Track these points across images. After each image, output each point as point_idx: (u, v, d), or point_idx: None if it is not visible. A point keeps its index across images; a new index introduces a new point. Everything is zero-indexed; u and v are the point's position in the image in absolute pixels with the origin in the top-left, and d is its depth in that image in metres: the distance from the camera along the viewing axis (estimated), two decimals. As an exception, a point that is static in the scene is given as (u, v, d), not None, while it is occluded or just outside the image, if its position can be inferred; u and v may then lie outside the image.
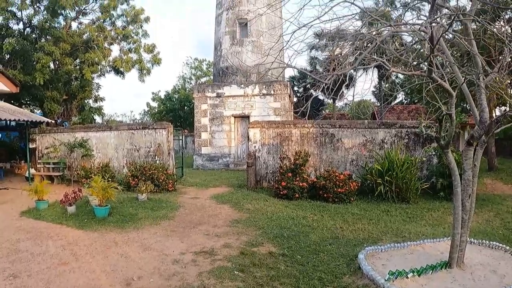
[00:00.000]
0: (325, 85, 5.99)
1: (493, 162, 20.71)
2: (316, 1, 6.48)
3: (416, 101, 33.52)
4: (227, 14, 28.04)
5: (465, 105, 20.00)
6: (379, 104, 41.53)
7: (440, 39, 6.31)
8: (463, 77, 6.68)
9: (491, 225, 10.90)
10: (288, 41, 6.24)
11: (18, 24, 25.25)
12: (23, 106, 26.41)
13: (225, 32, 28.01)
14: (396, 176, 13.71)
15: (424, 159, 15.25)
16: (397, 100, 43.92)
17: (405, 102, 41.61)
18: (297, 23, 6.80)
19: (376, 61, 6.18)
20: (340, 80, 6.13)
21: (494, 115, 19.31)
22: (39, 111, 27.38)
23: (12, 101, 22.00)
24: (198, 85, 30.88)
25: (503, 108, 19.75)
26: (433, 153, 15.20)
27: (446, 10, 6.67)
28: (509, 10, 11.49)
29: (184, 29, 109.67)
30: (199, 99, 26.99)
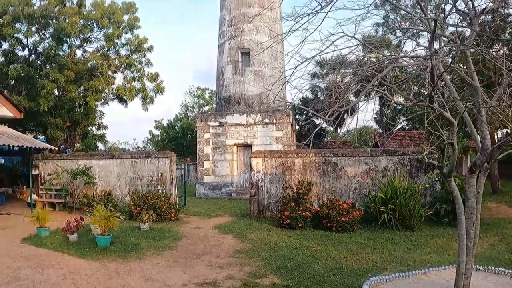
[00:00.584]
0: (327, 113, 6.03)
1: (496, 185, 20.60)
2: (317, 35, 6.61)
3: (418, 126, 33.63)
4: (229, 44, 28.42)
5: (466, 129, 20.04)
6: (381, 131, 41.58)
7: (439, 66, 6.38)
8: (463, 104, 6.72)
9: (497, 250, 10.78)
10: (291, 75, 6.33)
11: (23, 51, 25.64)
12: (27, 131, 26.56)
13: (227, 61, 28.34)
14: (400, 203, 13.63)
15: (427, 185, 15.18)
16: (399, 126, 44.01)
17: (407, 127, 41.69)
18: (299, 56, 6.92)
19: (377, 91, 6.23)
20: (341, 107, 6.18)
21: (496, 138, 19.31)
22: (43, 136, 27.52)
23: (16, 126, 22.14)
24: (201, 114, 31.06)
25: (505, 130, 19.74)
26: (436, 179, 15.13)
27: (446, 38, 6.76)
28: (505, 40, 11.60)
29: (187, 58, 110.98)
30: (201, 128, 27.10)
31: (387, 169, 15.88)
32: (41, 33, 25.01)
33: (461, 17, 6.70)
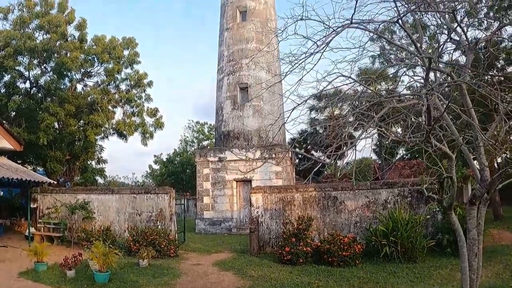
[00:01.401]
0: (326, 147, 6.08)
1: (498, 211, 20.49)
2: (314, 71, 6.73)
3: (417, 156, 33.70)
4: (228, 80, 28.74)
5: (465, 157, 20.05)
6: (380, 162, 41.55)
7: (436, 100, 6.46)
8: (461, 136, 6.77)
9: (501, 278, 10.63)
10: (288, 116, 6.42)
11: (24, 83, 25.99)
12: (26, 163, 26.51)
13: (226, 97, 28.59)
14: (401, 235, 13.52)
15: (428, 216, 15.08)
16: (398, 156, 43.96)
17: (406, 157, 41.66)
18: (296, 92, 7.05)
19: (375, 124, 6.29)
20: (340, 138, 6.23)
21: (495, 163, 19.31)
22: (42, 169, 27.48)
23: (15, 158, 22.15)
24: (200, 149, 31.15)
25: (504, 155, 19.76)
26: (437, 209, 15.04)
27: (441, 71, 6.86)
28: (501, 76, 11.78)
29: (186, 92, 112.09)
30: (201, 164, 27.10)
31: (387, 201, 15.82)
32: (42, 67, 25.44)
33: (456, 46, 6.82)
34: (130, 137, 27.46)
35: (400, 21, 7.41)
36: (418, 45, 6.75)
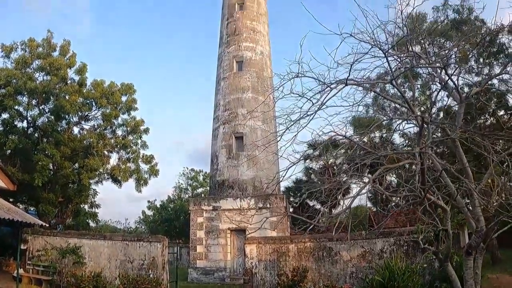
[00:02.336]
0: (321, 194, 6.13)
1: (496, 255, 20.26)
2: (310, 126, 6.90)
3: (412, 204, 33.54)
4: (223, 128, 28.93)
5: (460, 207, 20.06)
6: (375, 209, 41.28)
7: (431, 152, 6.58)
8: (455, 186, 6.84)
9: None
10: (284, 175, 6.54)
11: (22, 122, 26.27)
12: (18, 203, 26.23)
13: (221, 145, 28.69)
14: (398, 285, 13.31)
15: (425, 265, 14.92)
16: (393, 203, 43.64)
17: (402, 203, 41.34)
18: (292, 147, 7.20)
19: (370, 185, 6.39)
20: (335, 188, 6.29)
21: (491, 205, 19.25)
22: (33, 208, 27.18)
23: (7, 197, 21.94)
24: (194, 197, 30.99)
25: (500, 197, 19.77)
26: (434, 257, 14.88)
27: (435, 124, 7.02)
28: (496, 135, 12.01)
29: (182, 139, 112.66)
30: (195, 212, 26.87)
31: (383, 251, 15.68)
32: (41, 107, 25.77)
33: (448, 95, 7.03)
34: (124, 183, 27.43)
35: (393, 81, 7.66)
36: (411, 103, 6.93)
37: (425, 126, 7.01)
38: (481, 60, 15.66)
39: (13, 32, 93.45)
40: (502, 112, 16.89)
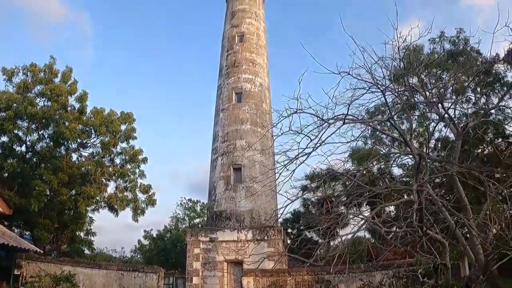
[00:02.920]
0: (319, 227, 6.12)
1: (497, 284, 19.95)
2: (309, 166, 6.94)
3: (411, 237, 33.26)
4: (222, 160, 28.91)
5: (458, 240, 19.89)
6: (374, 241, 40.89)
7: (429, 186, 6.59)
8: (453, 219, 6.83)
9: None
10: (282, 213, 6.55)
11: (21, 147, 26.25)
12: (14, 227, 25.96)
13: (219, 177, 28.62)
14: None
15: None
16: (392, 234, 43.16)
17: (401, 234, 40.98)
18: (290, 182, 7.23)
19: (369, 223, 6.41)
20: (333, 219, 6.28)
21: (491, 233, 19.06)
22: (28, 233, 26.88)
23: (3, 220, 21.76)
24: (191, 228, 30.76)
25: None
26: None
27: (432, 159, 7.06)
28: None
29: (180, 168, 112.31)
30: (191, 243, 26.61)
31: (382, 283, 15.50)
32: (40, 133, 25.89)
33: (446, 125, 7.09)
34: (121, 211, 27.27)
35: (391, 119, 7.74)
36: (408, 140, 6.99)
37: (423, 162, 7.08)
38: (478, 89, 15.90)
39: (15, 56, 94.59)
40: (500, 140, 17.02)
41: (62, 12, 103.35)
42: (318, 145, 7.61)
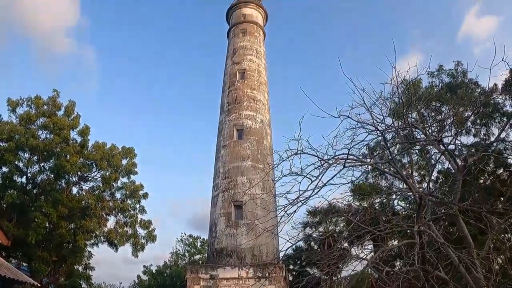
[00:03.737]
0: (321, 263, 6.08)
1: None
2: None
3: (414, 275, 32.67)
4: (222, 196, 28.76)
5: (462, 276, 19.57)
6: (377, 276, 40.17)
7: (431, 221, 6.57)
8: (456, 255, 6.78)
9: None
10: (284, 254, 6.54)
11: (21, 178, 26.36)
12: (11, 258, 25.64)
13: (220, 213, 28.40)
14: None
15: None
16: (396, 268, 42.46)
17: (404, 269, 40.26)
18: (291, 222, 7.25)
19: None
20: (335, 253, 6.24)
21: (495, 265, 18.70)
22: (26, 264, 26.52)
23: (0, 251, 21.55)
24: (192, 265, 30.35)
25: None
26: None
27: (434, 198, 7.07)
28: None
29: (180, 204, 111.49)
30: (192, 280, 26.17)
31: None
32: (41, 165, 26.02)
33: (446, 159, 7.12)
34: (120, 247, 27.05)
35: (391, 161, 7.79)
36: (410, 173, 7.02)
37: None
38: (478, 121, 16.01)
39: (20, 87, 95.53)
40: (501, 170, 16.99)
41: (68, 45, 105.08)
42: (318, 189, 7.66)
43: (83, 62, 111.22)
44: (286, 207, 7.86)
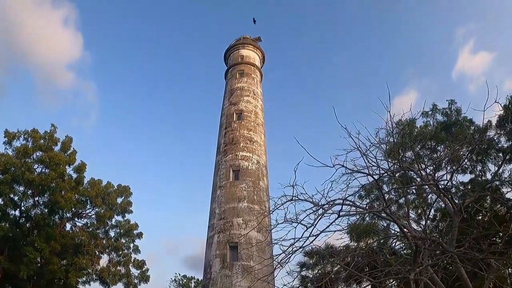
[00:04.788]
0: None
1: None
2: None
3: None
4: (218, 238, 28.42)
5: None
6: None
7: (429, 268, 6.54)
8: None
9: None
10: None
11: (15, 211, 26.04)
12: None
13: (215, 254, 28.01)
14: None
15: None
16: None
17: None
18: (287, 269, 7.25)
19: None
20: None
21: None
22: None
23: None
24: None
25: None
26: None
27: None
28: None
29: (175, 243, 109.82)
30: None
31: None
32: (35, 199, 25.80)
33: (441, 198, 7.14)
34: (113, 286, 26.53)
35: (387, 210, 7.84)
36: (406, 230, 7.03)
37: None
38: (473, 157, 16.10)
39: (18, 119, 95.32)
40: (498, 206, 16.96)
41: (69, 79, 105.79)
42: (314, 237, 7.69)
43: (82, 97, 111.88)
44: (280, 255, 7.86)
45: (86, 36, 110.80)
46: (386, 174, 8.89)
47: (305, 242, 7.90)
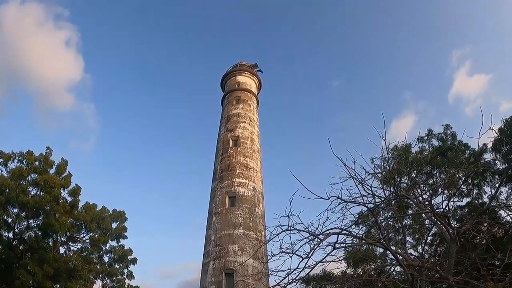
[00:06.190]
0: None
1: None
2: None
3: None
4: (213, 264, 28.13)
5: None
6: None
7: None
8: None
9: None
10: None
11: (8, 233, 25.62)
12: None
13: (211, 282, 27.66)
14: None
15: None
16: None
17: None
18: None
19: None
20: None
21: None
22: None
23: None
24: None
25: None
26: None
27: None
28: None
29: (170, 269, 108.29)
30: None
31: None
32: (29, 221, 25.52)
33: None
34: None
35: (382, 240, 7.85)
36: (403, 260, 7.04)
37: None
38: (469, 180, 16.11)
39: (15, 140, 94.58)
40: (496, 229, 16.90)
41: (69, 101, 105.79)
42: (310, 269, 7.68)
43: (81, 119, 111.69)
44: (275, 286, 7.83)
45: (87, 59, 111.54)
46: (381, 204, 8.91)
47: (300, 273, 7.88)
